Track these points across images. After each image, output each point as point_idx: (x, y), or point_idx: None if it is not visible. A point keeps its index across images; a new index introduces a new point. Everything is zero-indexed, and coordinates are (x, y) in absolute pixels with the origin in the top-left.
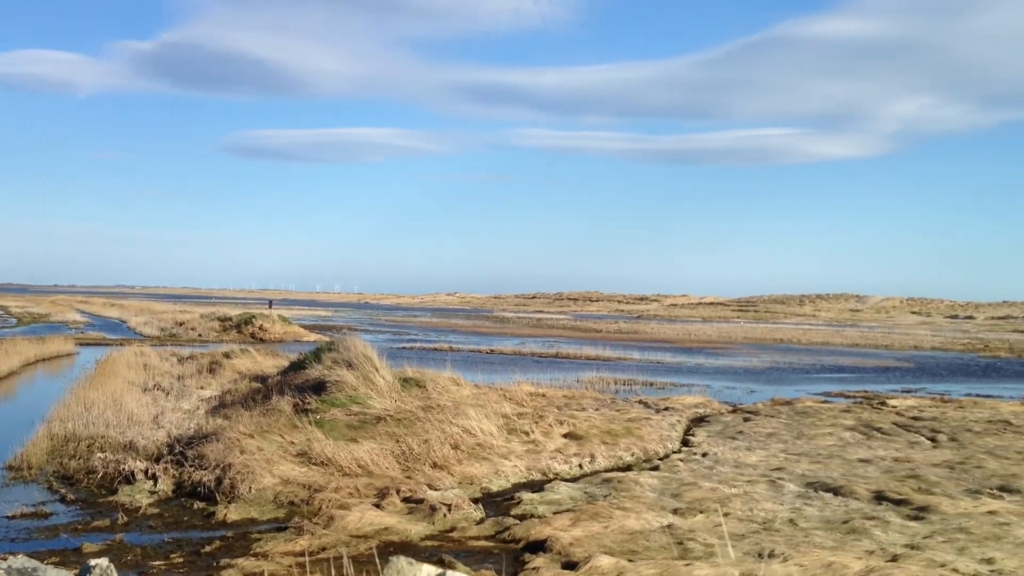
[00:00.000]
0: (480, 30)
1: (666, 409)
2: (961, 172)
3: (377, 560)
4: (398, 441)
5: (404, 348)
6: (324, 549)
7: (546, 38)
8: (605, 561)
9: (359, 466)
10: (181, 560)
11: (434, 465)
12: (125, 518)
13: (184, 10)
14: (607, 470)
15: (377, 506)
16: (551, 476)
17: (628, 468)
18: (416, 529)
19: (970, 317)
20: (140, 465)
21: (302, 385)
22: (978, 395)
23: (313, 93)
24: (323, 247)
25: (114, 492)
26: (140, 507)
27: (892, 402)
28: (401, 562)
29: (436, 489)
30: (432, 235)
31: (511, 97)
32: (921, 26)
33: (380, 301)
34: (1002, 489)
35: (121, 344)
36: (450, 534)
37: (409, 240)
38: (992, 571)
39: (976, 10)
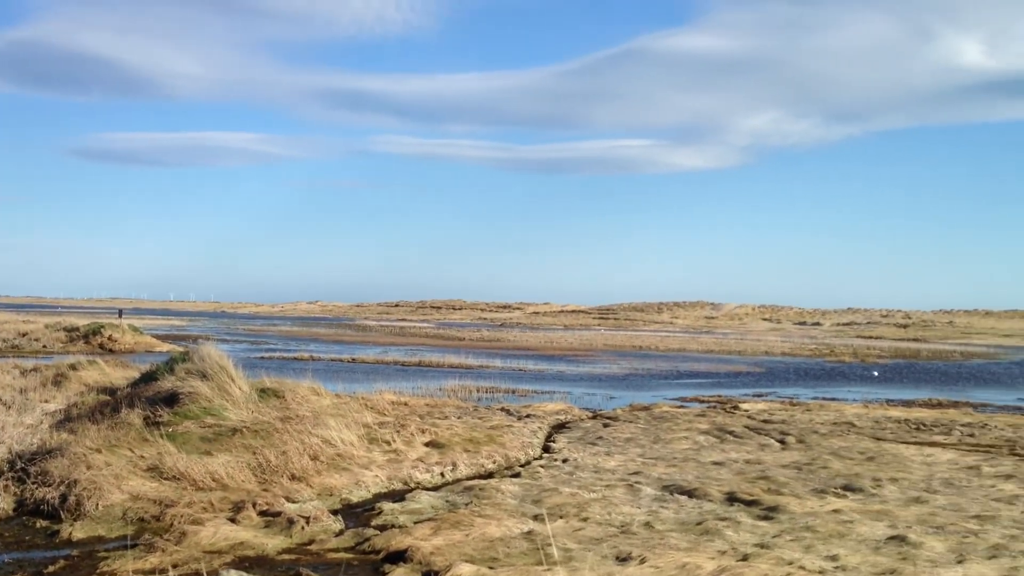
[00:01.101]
0: (342, 35)
1: (528, 416)
2: (808, 184)
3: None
4: (255, 453)
5: (263, 358)
6: (175, 566)
7: (410, 45)
8: (466, 569)
9: (213, 480)
10: None
11: (292, 477)
12: None
13: (30, 8)
14: (469, 478)
15: (232, 520)
16: (413, 485)
17: (490, 475)
18: (273, 543)
19: (817, 324)
20: None
21: (154, 397)
22: (824, 398)
23: (168, 96)
24: (178, 255)
25: None
26: None
27: (744, 406)
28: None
29: (294, 501)
30: (293, 242)
31: (375, 103)
32: (771, 43)
33: (238, 310)
34: (846, 488)
35: None
36: (308, 547)
37: (269, 248)
38: (836, 567)
39: (821, 29)
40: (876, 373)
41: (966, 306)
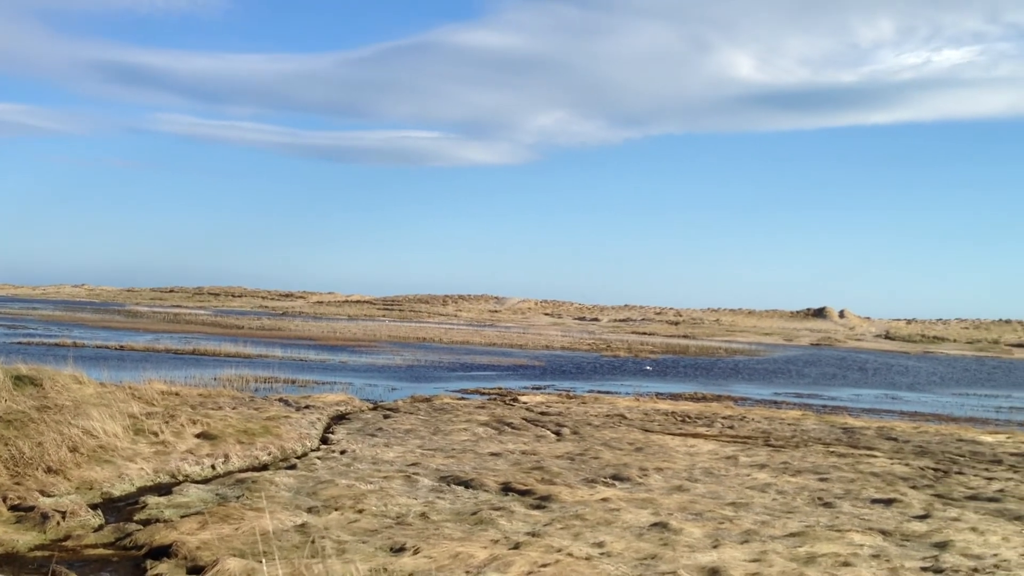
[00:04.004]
0: (120, 7)
1: (307, 407)
2: (591, 184)
3: None
4: (7, 444)
5: (20, 343)
6: None
7: (194, 22)
8: (233, 564)
9: None
10: None
11: (49, 470)
12: None
13: None
14: (242, 470)
15: None
16: (181, 478)
17: (264, 468)
18: (25, 539)
19: (596, 319)
20: None
21: None
22: (599, 391)
23: None
24: None
25: None
26: None
27: (523, 398)
28: None
29: (50, 495)
30: (58, 221)
31: (152, 80)
32: (558, 44)
33: None
34: (614, 478)
35: None
36: (64, 543)
37: (30, 226)
38: (602, 553)
39: (608, 35)
40: (648, 368)
41: (732, 305)
